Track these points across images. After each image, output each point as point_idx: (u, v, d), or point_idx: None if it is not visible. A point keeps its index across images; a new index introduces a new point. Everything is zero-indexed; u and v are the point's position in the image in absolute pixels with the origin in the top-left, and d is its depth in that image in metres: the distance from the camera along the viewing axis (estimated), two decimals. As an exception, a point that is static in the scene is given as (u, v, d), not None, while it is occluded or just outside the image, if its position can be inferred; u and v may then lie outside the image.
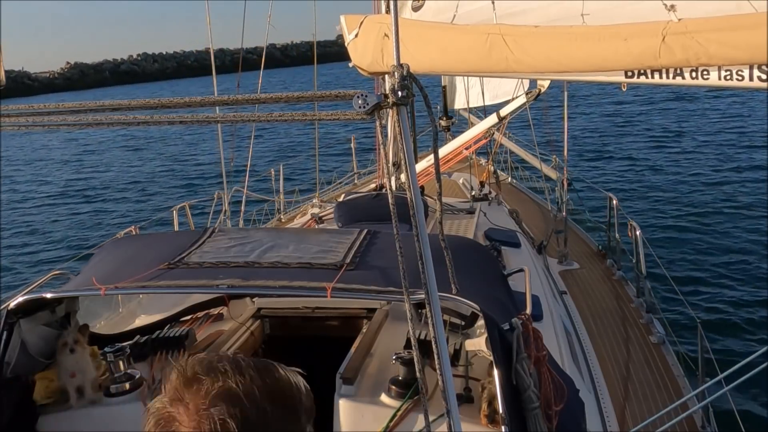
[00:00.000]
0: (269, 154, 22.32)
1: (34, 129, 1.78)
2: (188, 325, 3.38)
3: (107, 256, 3.09)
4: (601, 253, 7.05)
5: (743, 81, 2.23)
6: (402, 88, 1.51)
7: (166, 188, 19.43)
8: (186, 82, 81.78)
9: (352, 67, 4.26)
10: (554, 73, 3.03)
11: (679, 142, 18.54)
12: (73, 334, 2.70)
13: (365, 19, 4.10)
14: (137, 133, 31.10)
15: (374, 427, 2.39)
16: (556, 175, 7.78)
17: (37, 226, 16.09)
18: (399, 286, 1.64)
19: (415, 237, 1.55)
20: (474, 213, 5.76)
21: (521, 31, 2.89)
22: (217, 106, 1.76)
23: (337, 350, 2.81)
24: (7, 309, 2.59)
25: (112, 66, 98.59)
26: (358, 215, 4.96)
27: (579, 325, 4.86)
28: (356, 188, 8.44)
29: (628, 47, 2.39)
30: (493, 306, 2.33)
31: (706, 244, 10.20)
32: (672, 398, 4.04)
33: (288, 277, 2.50)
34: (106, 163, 25.85)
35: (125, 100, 1.69)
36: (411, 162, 1.61)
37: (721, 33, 2.13)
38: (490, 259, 3.22)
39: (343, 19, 4.27)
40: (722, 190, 13.21)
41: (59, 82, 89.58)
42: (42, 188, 21.47)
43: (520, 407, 2.10)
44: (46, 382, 2.64)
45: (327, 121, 1.63)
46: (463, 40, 3.25)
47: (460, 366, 2.66)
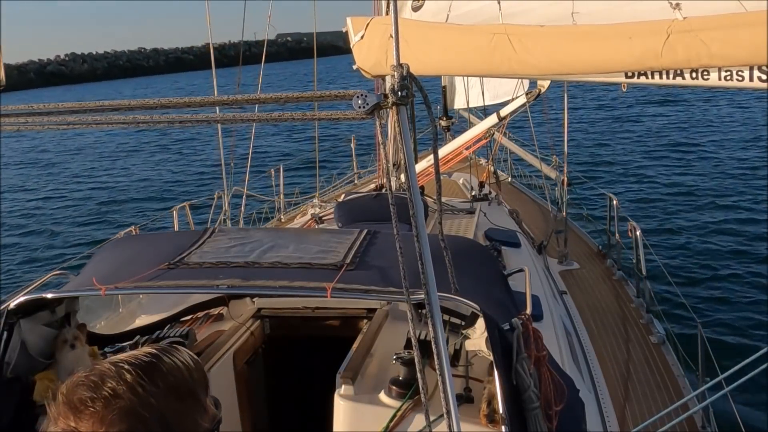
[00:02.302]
0: (269, 153, 22.32)
1: (34, 129, 1.78)
2: (188, 325, 3.38)
3: (107, 256, 3.09)
4: (601, 253, 7.05)
5: (743, 81, 2.23)
6: (402, 88, 1.51)
7: (166, 188, 19.43)
8: (119, 83, 79.74)
9: (356, 69, 4.26)
10: (556, 74, 3.03)
11: (680, 142, 18.54)
12: (73, 331, 2.70)
13: (371, 21, 4.11)
14: (137, 133, 31.11)
15: (374, 427, 2.39)
16: (555, 175, 7.78)
17: (37, 226, 16.09)
18: (399, 286, 1.64)
19: (414, 237, 1.55)
20: (474, 213, 5.76)
21: (526, 31, 2.89)
22: (217, 106, 1.76)
23: (337, 350, 2.81)
24: (7, 309, 2.58)
25: (38, 67, 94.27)
26: (358, 215, 4.95)
27: (579, 325, 4.86)
28: (356, 188, 8.44)
29: (632, 47, 2.39)
30: (493, 306, 2.33)
31: (707, 244, 10.19)
32: (672, 398, 4.04)
33: (288, 277, 2.49)
34: (107, 163, 25.84)
35: (125, 100, 1.69)
36: (411, 162, 1.61)
37: (724, 31, 2.14)
38: (490, 259, 3.22)
39: (349, 21, 4.27)
40: (723, 190, 13.21)
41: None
42: (42, 188, 21.47)
43: (520, 407, 2.10)
44: (46, 382, 2.63)
45: (327, 120, 1.63)
46: (467, 41, 3.25)
47: (460, 366, 2.66)
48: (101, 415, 0.95)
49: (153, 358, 1.04)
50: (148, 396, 0.98)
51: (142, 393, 0.98)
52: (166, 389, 1.01)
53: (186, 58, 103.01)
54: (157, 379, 1.01)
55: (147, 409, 0.97)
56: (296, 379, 3.54)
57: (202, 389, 1.08)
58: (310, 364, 3.35)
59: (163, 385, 1.01)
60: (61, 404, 0.98)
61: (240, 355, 3.24)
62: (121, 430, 0.95)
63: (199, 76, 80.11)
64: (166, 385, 1.01)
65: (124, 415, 0.95)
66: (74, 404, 0.96)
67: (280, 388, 3.57)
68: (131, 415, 0.96)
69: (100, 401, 0.96)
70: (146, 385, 0.99)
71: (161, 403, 0.99)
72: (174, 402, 1.01)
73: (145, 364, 1.02)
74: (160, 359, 1.05)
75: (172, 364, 1.05)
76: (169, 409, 1.00)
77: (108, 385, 0.98)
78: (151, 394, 0.98)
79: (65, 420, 0.96)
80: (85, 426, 0.95)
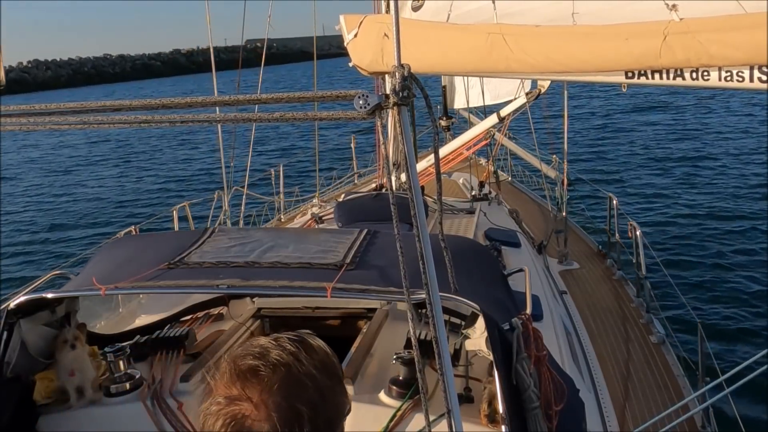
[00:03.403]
0: (269, 154, 22.32)
1: (36, 129, 1.78)
2: (188, 325, 3.38)
3: (107, 256, 3.09)
4: (601, 253, 7.05)
5: (743, 82, 2.23)
6: (403, 88, 1.51)
7: (166, 188, 19.43)
8: (84, 91, 76.95)
9: (352, 66, 4.26)
10: (555, 73, 3.03)
11: (680, 141, 18.54)
12: (73, 331, 2.70)
13: (364, 19, 4.10)
14: (137, 133, 31.10)
15: (374, 427, 2.39)
16: (555, 175, 7.78)
17: (37, 226, 16.09)
18: (399, 285, 1.64)
19: (416, 237, 1.55)
20: (474, 213, 5.76)
21: (522, 31, 2.89)
22: (217, 106, 1.76)
23: (337, 350, 2.80)
24: (7, 309, 2.58)
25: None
26: (358, 215, 4.95)
27: (579, 325, 4.86)
28: (356, 188, 8.43)
29: (629, 47, 2.39)
30: (493, 306, 2.33)
31: (707, 244, 10.19)
32: (672, 398, 4.04)
33: (288, 277, 2.49)
34: (107, 162, 25.83)
35: (126, 101, 1.69)
36: (412, 162, 1.61)
37: (722, 33, 2.13)
38: (490, 259, 3.22)
39: (342, 19, 4.26)
40: (723, 190, 13.21)
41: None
42: (42, 188, 21.46)
43: (520, 407, 2.10)
44: (46, 382, 2.63)
45: (327, 120, 1.63)
46: (463, 40, 3.25)
47: (460, 366, 2.66)
48: (269, 382, 0.98)
49: (305, 336, 1.10)
50: (309, 367, 1.03)
51: (306, 363, 1.03)
52: (324, 366, 1.06)
53: (153, 64, 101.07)
54: (314, 355, 1.06)
55: (309, 379, 1.01)
56: None
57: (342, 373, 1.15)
58: None
59: (318, 362, 1.06)
60: (226, 374, 1.01)
61: None
62: (287, 396, 0.98)
63: (165, 83, 79.66)
64: (320, 362, 1.06)
65: (290, 383, 0.99)
66: (242, 372, 0.99)
67: None
68: (296, 383, 1.00)
69: (269, 368, 0.99)
70: (306, 357, 1.04)
71: (322, 378, 1.03)
72: (326, 378, 1.06)
73: (300, 340, 1.07)
74: (309, 338, 1.10)
75: (319, 345, 1.11)
76: (326, 387, 1.04)
77: (273, 353, 1.02)
78: (312, 365, 1.03)
79: (227, 390, 0.99)
80: (252, 392, 0.98)
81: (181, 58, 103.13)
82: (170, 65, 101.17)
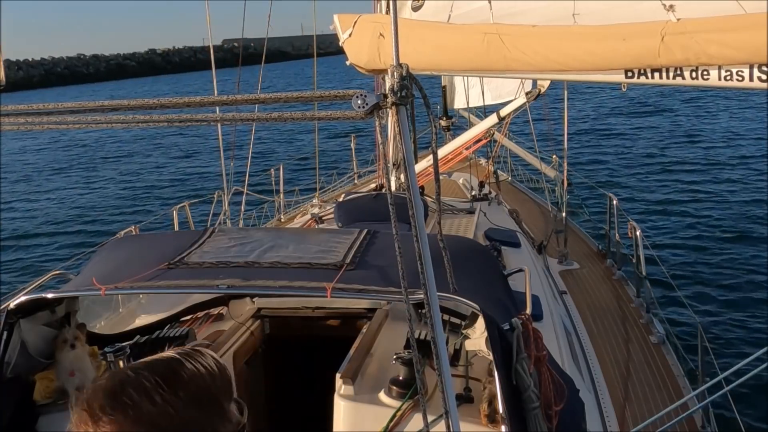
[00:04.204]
0: (269, 154, 22.32)
1: (34, 129, 1.78)
2: (188, 325, 3.38)
3: (107, 256, 3.09)
4: (601, 253, 7.05)
5: (743, 81, 2.23)
6: (401, 88, 1.51)
7: (166, 188, 19.43)
8: (56, 91, 75.27)
9: (349, 65, 4.26)
10: (554, 72, 3.03)
11: (680, 141, 18.53)
12: (73, 331, 2.70)
13: (359, 19, 4.11)
14: (137, 133, 31.10)
15: (374, 427, 2.38)
16: (555, 175, 7.78)
17: (37, 225, 16.09)
18: (399, 286, 1.64)
19: (414, 237, 1.55)
20: (474, 213, 5.76)
21: (518, 31, 2.90)
22: (216, 106, 1.76)
23: (337, 350, 2.81)
24: (7, 309, 2.59)
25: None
26: (358, 215, 4.95)
27: (579, 325, 4.86)
28: (356, 188, 8.43)
29: (627, 47, 2.39)
30: (493, 306, 2.33)
31: (707, 244, 10.19)
32: (672, 398, 4.04)
33: (288, 277, 2.49)
34: (107, 162, 25.84)
35: (124, 100, 1.69)
36: (411, 162, 1.61)
37: (720, 34, 2.14)
38: (490, 259, 3.22)
39: (336, 19, 4.27)
40: (723, 190, 13.20)
41: None
42: (42, 188, 21.47)
43: (520, 407, 2.10)
44: (46, 382, 2.64)
45: (326, 120, 1.63)
46: (459, 40, 3.25)
47: (460, 366, 2.66)
48: (118, 424, 0.95)
49: (175, 365, 1.03)
50: (166, 405, 0.97)
51: (161, 402, 0.97)
52: (187, 398, 1.00)
53: (128, 65, 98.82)
54: (178, 388, 1.00)
55: (165, 419, 0.97)
56: (296, 379, 3.54)
57: (225, 396, 1.07)
58: (310, 364, 3.35)
59: (183, 394, 1.00)
60: (80, 410, 0.98)
61: (240, 355, 3.24)
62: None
63: (140, 84, 78.08)
64: (186, 393, 1.00)
65: (140, 425, 0.95)
66: (93, 410, 0.96)
67: (279, 388, 3.57)
68: (148, 424, 0.96)
69: (118, 409, 0.96)
70: (165, 395, 0.98)
71: (180, 413, 0.98)
72: (194, 411, 1.00)
73: (166, 372, 1.02)
74: (182, 366, 1.03)
75: (194, 370, 1.03)
76: (188, 418, 0.99)
77: (127, 393, 0.97)
78: (170, 403, 0.97)
79: (84, 426, 0.97)
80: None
81: (157, 58, 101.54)
82: (146, 65, 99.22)
